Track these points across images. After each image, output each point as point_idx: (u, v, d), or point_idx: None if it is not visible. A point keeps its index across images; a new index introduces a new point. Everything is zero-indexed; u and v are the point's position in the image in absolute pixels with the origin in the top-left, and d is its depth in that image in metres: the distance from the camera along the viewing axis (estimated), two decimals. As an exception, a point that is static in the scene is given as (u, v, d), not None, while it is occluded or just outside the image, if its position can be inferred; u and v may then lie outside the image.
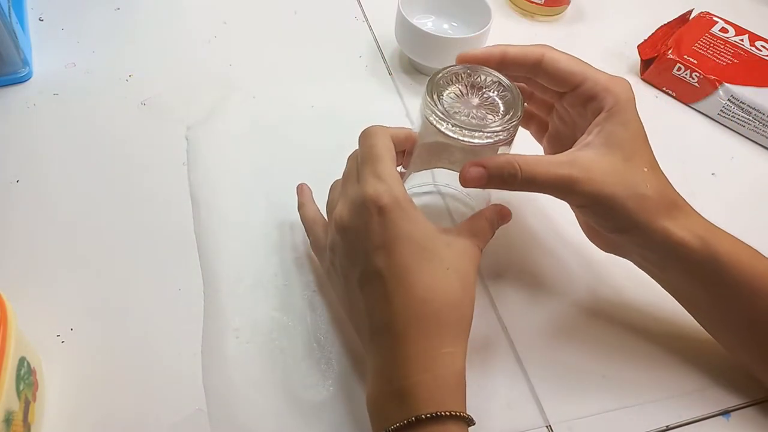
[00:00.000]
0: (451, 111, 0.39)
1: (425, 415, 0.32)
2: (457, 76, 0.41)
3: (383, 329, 0.35)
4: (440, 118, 0.39)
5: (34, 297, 0.43)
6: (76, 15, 0.63)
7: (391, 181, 0.36)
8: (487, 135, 0.38)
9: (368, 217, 0.36)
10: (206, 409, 0.39)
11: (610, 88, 0.39)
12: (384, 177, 0.36)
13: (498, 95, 0.40)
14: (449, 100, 0.40)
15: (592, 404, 0.41)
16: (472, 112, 0.39)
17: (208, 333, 0.42)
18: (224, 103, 0.57)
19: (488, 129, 0.38)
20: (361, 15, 0.68)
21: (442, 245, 0.37)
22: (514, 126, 0.39)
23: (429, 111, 0.39)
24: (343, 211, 0.37)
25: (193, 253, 0.46)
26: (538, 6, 0.69)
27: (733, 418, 0.42)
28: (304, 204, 0.46)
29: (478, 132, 0.38)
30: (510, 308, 0.45)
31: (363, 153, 0.39)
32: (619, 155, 0.37)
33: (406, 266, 0.35)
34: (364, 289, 0.36)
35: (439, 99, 0.39)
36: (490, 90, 0.41)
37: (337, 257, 0.38)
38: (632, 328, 0.45)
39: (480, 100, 0.40)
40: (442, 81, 0.40)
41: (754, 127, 0.59)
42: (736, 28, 0.66)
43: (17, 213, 0.47)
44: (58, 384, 0.39)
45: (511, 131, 0.39)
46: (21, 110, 0.54)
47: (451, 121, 0.38)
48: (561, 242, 0.49)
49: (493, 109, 0.40)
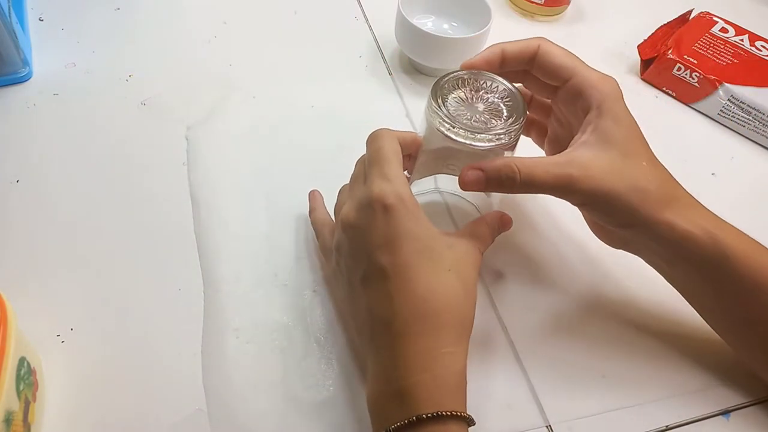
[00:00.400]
0: (456, 115, 0.39)
1: (426, 414, 0.32)
2: (461, 81, 0.42)
3: (384, 328, 0.35)
4: (445, 122, 0.39)
5: (34, 297, 0.43)
6: (76, 15, 0.63)
7: (398, 182, 0.37)
8: (490, 138, 0.39)
9: (373, 216, 0.36)
10: (206, 409, 0.39)
11: (596, 85, 0.39)
12: (390, 177, 0.37)
13: (501, 100, 0.41)
14: (454, 104, 0.40)
15: (592, 404, 0.41)
16: (476, 117, 0.40)
17: (208, 333, 0.42)
18: (224, 103, 0.57)
19: (492, 132, 0.39)
20: (361, 15, 0.68)
21: (444, 246, 0.37)
22: (517, 129, 0.40)
23: (434, 115, 0.40)
24: (349, 211, 0.38)
25: (193, 253, 0.46)
26: (538, 6, 0.69)
27: (733, 418, 0.42)
28: (315, 209, 0.47)
29: (482, 135, 0.39)
30: (510, 308, 0.45)
31: (370, 155, 0.39)
32: (616, 151, 0.38)
33: (408, 264, 0.35)
34: (367, 287, 0.36)
35: (443, 103, 0.40)
36: (493, 95, 0.41)
37: (342, 256, 0.39)
38: (632, 327, 0.45)
39: (484, 105, 0.41)
40: (446, 86, 0.41)
41: (754, 127, 0.59)
42: (736, 28, 0.66)
43: (17, 213, 0.47)
44: (58, 384, 0.39)
45: (514, 135, 0.40)
46: (21, 110, 0.54)
47: (456, 124, 0.39)
48: (561, 242, 0.49)
49: (497, 114, 0.40)
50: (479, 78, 0.42)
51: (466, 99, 0.41)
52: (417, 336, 0.34)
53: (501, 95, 0.41)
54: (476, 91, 0.41)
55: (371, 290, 0.36)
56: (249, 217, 0.49)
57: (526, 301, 0.46)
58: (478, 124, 0.39)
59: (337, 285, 0.42)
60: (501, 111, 0.40)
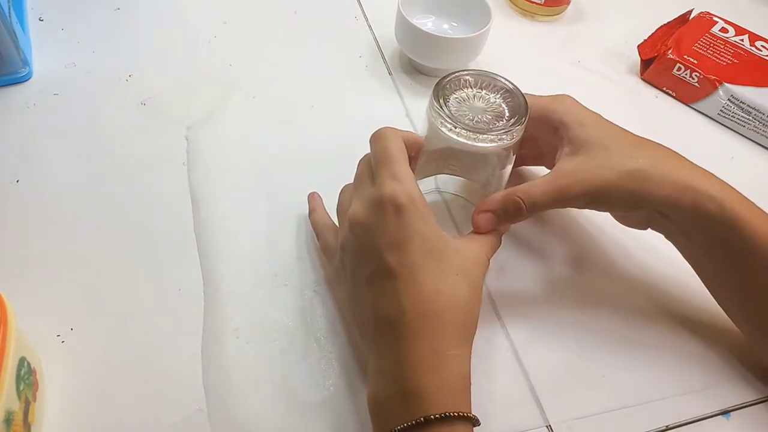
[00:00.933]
0: (458, 115, 0.39)
1: (434, 415, 0.32)
2: (463, 81, 0.42)
3: (389, 328, 0.35)
4: (447, 123, 0.39)
5: (34, 297, 0.43)
6: (76, 15, 0.63)
7: (408, 182, 0.37)
8: (492, 139, 0.39)
9: (384, 215, 0.36)
10: (206, 409, 0.39)
11: (551, 107, 0.43)
12: (400, 177, 0.37)
13: (503, 100, 0.41)
14: (456, 104, 0.40)
15: (592, 404, 0.41)
16: (478, 117, 0.40)
17: (208, 333, 0.42)
18: (224, 103, 0.57)
19: (494, 133, 0.39)
20: (361, 15, 0.68)
21: (452, 250, 0.37)
22: (519, 129, 0.40)
23: (436, 115, 0.40)
24: (358, 210, 0.38)
25: (193, 253, 0.46)
26: (538, 6, 0.69)
27: (733, 418, 0.42)
28: (315, 209, 0.47)
29: (484, 135, 0.39)
30: (510, 308, 0.45)
31: (377, 155, 0.39)
32: (595, 148, 0.40)
33: (416, 265, 0.35)
34: (373, 286, 0.36)
35: (445, 104, 0.40)
36: (495, 95, 0.41)
37: (348, 255, 0.38)
38: (632, 327, 0.45)
39: (485, 105, 0.41)
40: (448, 86, 0.41)
41: (754, 127, 0.59)
42: (736, 28, 0.66)
43: (17, 213, 0.47)
44: (58, 384, 0.39)
45: (516, 135, 0.40)
46: (21, 110, 0.54)
47: (457, 125, 0.39)
48: (562, 242, 0.49)
49: (499, 114, 0.40)
50: (481, 78, 0.42)
51: (467, 99, 0.41)
52: (423, 337, 0.34)
53: (502, 95, 0.41)
54: (478, 92, 0.41)
55: (377, 289, 0.36)
56: (249, 217, 0.49)
57: (526, 301, 0.46)
58: (480, 125, 0.40)
59: (339, 284, 0.42)
60: (503, 111, 0.41)
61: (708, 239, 0.40)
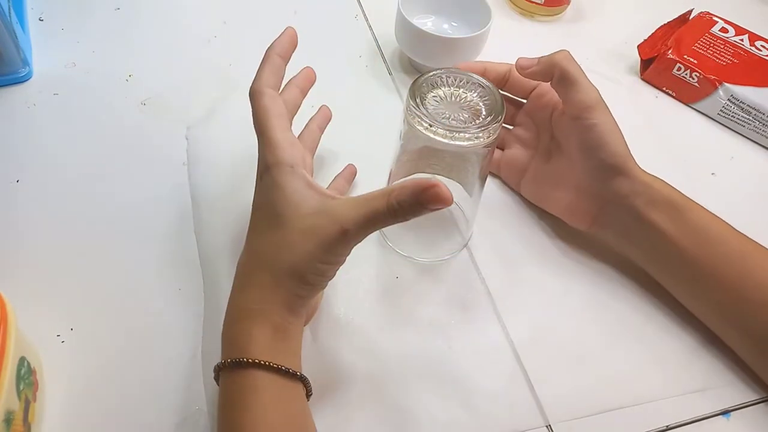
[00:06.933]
0: (435, 114, 0.39)
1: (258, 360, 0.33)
2: (439, 80, 0.42)
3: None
4: (424, 122, 0.39)
5: (34, 297, 0.43)
6: (76, 15, 0.63)
7: (277, 148, 0.37)
8: (469, 137, 0.39)
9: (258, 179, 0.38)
10: (206, 409, 0.39)
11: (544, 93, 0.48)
12: (272, 143, 0.37)
13: (480, 98, 0.41)
14: (433, 103, 0.40)
15: (592, 404, 0.41)
16: (455, 115, 0.40)
17: (208, 333, 0.42)
18: (224, 103, 0.57)
19: (471, 131, 0.39)
20: (361, 15, 0.68)
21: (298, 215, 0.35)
22: (496, 127, 0.39)
23: (412, 114, 0.39)
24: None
25: (193, 253, 0.46)
26: (538, 6, 0.69)
27: (733, 418, 0.42)
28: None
29: (461, 134, 0.39)
30: (510, 308, 0.45)
31: (255, 116, 0.39)
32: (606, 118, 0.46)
33: (254, 228, 0.38)
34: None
35: (422, 103, 0.40)
36: (471, 93, 0.41)
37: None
38: (632, 327, 0.45)
39: (463, 104, 0.41)
40: (424, 85, 0.41)
41: (754, 127, 0.60)
42: (736, 28, 0.66)
43: (17, 213, 0.47)
44: (58, 384, 0.39)
45: (493, 132, 0.39)
46: (21, 110, 0.54)
47: (435, 124, 0.38)
48: (561, 242, 0.50)
49: (476, 112, 0.40)
50: (457, 77, 0.42)
51: (444, 98, 0.41)
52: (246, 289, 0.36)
53: (479, 93, 0.41)
54: (455, 90, 0.41)
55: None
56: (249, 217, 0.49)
57: (526, 301, 0.46)
58: (457, 123, 0.39)
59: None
60: (480, 109, 0.40)
61: (661, 241, 0.43)
